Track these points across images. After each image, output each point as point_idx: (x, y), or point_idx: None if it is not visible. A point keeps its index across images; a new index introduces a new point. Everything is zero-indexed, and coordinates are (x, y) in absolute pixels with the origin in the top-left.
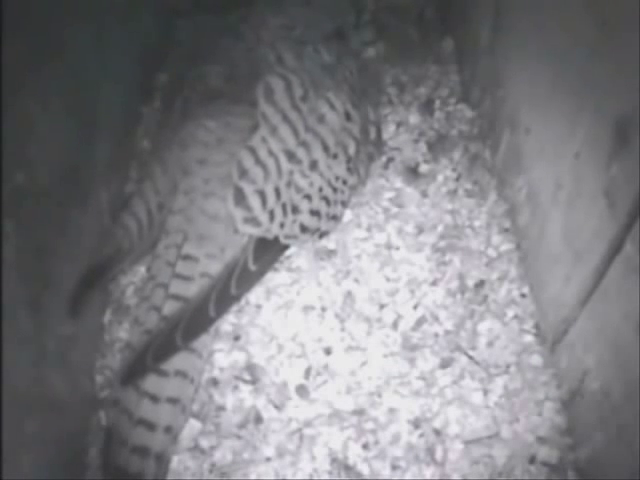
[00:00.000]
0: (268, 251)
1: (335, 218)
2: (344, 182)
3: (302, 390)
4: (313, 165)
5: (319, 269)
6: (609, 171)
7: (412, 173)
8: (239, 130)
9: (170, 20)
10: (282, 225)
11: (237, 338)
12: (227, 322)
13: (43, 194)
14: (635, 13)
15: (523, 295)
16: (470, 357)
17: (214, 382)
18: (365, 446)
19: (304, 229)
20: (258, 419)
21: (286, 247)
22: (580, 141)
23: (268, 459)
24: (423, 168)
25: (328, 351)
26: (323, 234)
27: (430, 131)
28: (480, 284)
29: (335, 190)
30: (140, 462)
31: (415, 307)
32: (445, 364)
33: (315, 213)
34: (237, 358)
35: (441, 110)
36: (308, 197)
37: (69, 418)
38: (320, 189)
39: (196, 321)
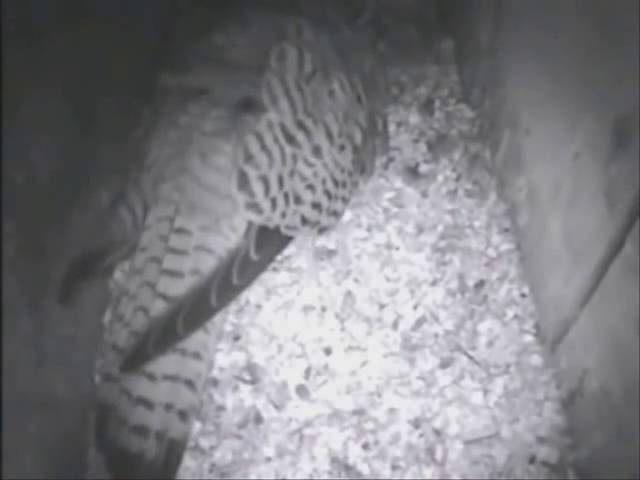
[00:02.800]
0: (269, 242)
1: (335, 214)
2: (349, 174)
3: (302, 390)
4: (316, 151)
5: (319, 269)
6: (609, 171)
7: (412, 173)
8: (239, 95)
9: (171, 19)
10: (284, 215)
11: (237, 338)
12: (227, 322)
13: (43, 194)
14: (635, 14)
15: (523, 295)
16: (470, 357)
17: (214, 382)
18: (365, 446)
19: (305, 221)
20: (258, 419)
21: (286, 241)
22: (580, 141)
23: (268, 459)
24: (423, 168)
25: (328, 351)
26: (322, 229)
27: (430, 131)
28: (480, 284)
29: (337, 185)
30: (140, 441)
31: (415, 307)
32: (445, 364)
33: (316, 206)
34: (237, 358)
35: (441, 110)
36: (311, 188)
37: (69, 418)
38: (323, 181)
39: (197, 311)
